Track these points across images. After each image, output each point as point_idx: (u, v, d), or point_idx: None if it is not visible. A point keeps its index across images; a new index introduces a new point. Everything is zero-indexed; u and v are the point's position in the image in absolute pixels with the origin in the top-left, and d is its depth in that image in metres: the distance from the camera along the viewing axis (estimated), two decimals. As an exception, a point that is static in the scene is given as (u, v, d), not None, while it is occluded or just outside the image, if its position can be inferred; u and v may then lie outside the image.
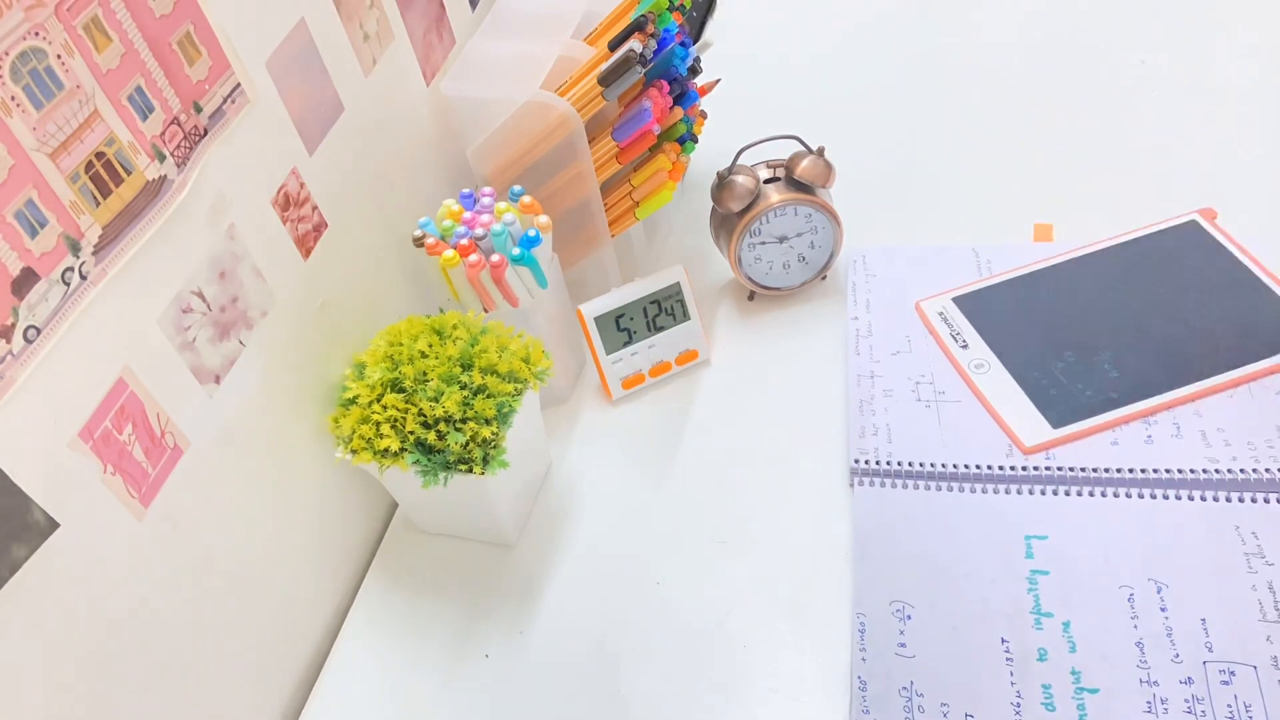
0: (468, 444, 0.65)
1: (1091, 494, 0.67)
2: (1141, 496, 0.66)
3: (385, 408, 0.66)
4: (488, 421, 0.66)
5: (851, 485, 0.71)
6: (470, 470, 0.65)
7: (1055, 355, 0.76)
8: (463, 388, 0.66)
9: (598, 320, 0.80)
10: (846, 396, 0.76)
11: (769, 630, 0.66)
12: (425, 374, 0.67)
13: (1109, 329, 0.77)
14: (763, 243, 0.83)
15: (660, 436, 0.79)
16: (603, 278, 0.86)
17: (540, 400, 0.75)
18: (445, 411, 0.65)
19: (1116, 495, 0.67)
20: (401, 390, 0.67)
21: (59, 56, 0.48)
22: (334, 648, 0.71)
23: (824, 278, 0.86)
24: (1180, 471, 0.67)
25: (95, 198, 0.50)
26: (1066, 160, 0.93)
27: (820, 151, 0.81)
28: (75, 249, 0.49)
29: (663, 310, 0.81)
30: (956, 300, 0.82)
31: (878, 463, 0.71)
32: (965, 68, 1.06)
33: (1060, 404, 0.73)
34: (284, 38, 0.64)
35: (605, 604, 0.69)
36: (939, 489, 0.69)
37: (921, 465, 0.70)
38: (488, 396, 0.66)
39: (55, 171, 0.48)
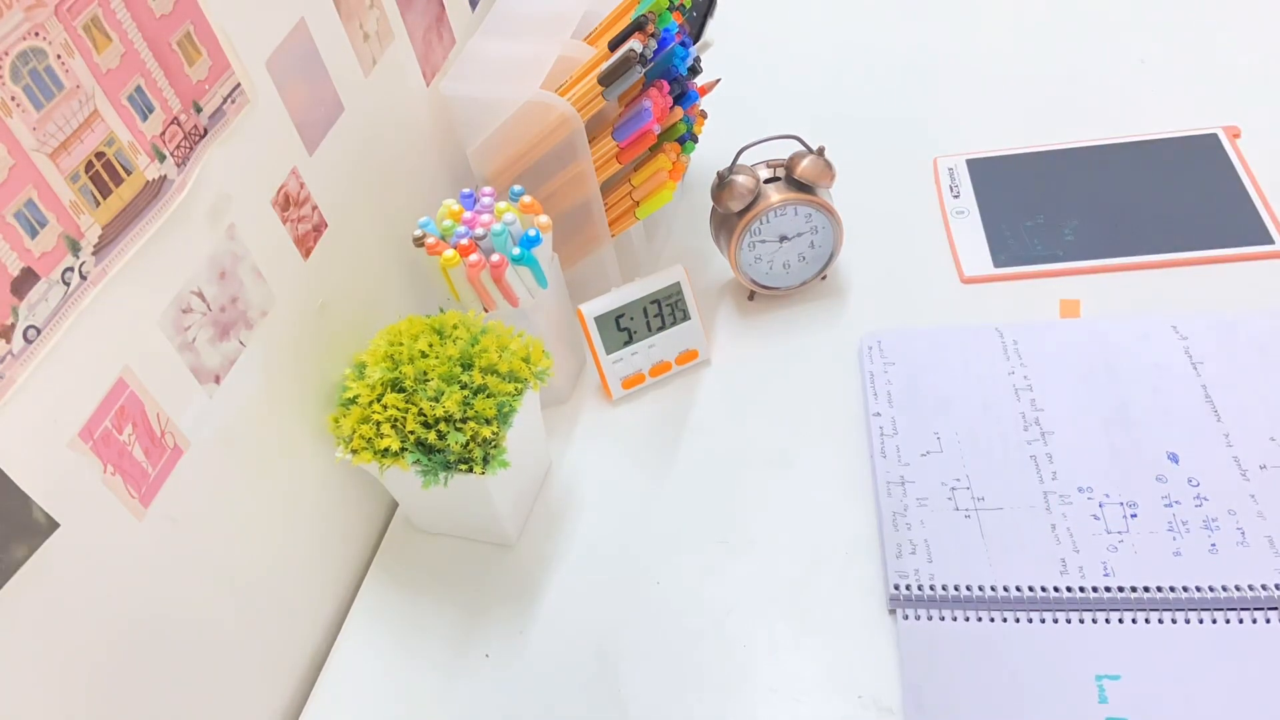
0: (468, 444, 0.65)
1: (1160, 620, 0.60)
2: (1214, 621, 0.60)
3: (385, 407, 0.66)
4: (488, 421, 0.66)
5: (892, 613, 0.64)
6: (470, 470, 0.65)
7: (1027, 215, 0.87)
8: (463, 387, 0.66)
9: (598, 320, 0.80)
10: (877, 508, 0.70)
11: (769, 630, 0.66)
12: (425, 374, 0.67)
13: (1088, 206, 0.87)
14: (763, 242, 0.83)
15: (660, 436, 0.79)
16: (603, 277, 0.86)
17: (540, 400, 0.75)
18: (445, 411, 0.65)
19: (1188, 621, 0.60)
20: (402, 390, 0.67)
21: (59, 56, 0.48)
22: (334, 647, 0.71)
23: (824, 277, 0.86)
24: (1252, 588, 0.60)
25: (95, 198, 0.50)
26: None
27: (820, 151, 0.81)
28: (75, 249, 0.49)
29: (663, 310, 0.81)
30: (969, 162, 0.93)
31: (919, 587, 0.64)
32: (965, 65, 1.06)
33: (1010, 251, 0.85)
34: (284, 38, 0.64)
35: (605, 604, 0.69)
36: (991, 620, 0.62)
37: (969, 590, 0.63)
38: (488, 396, 0.66)
39: (55, 171, 0.48)
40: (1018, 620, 0.62)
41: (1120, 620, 0.61)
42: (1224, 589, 0.61)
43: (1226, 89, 0.95)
